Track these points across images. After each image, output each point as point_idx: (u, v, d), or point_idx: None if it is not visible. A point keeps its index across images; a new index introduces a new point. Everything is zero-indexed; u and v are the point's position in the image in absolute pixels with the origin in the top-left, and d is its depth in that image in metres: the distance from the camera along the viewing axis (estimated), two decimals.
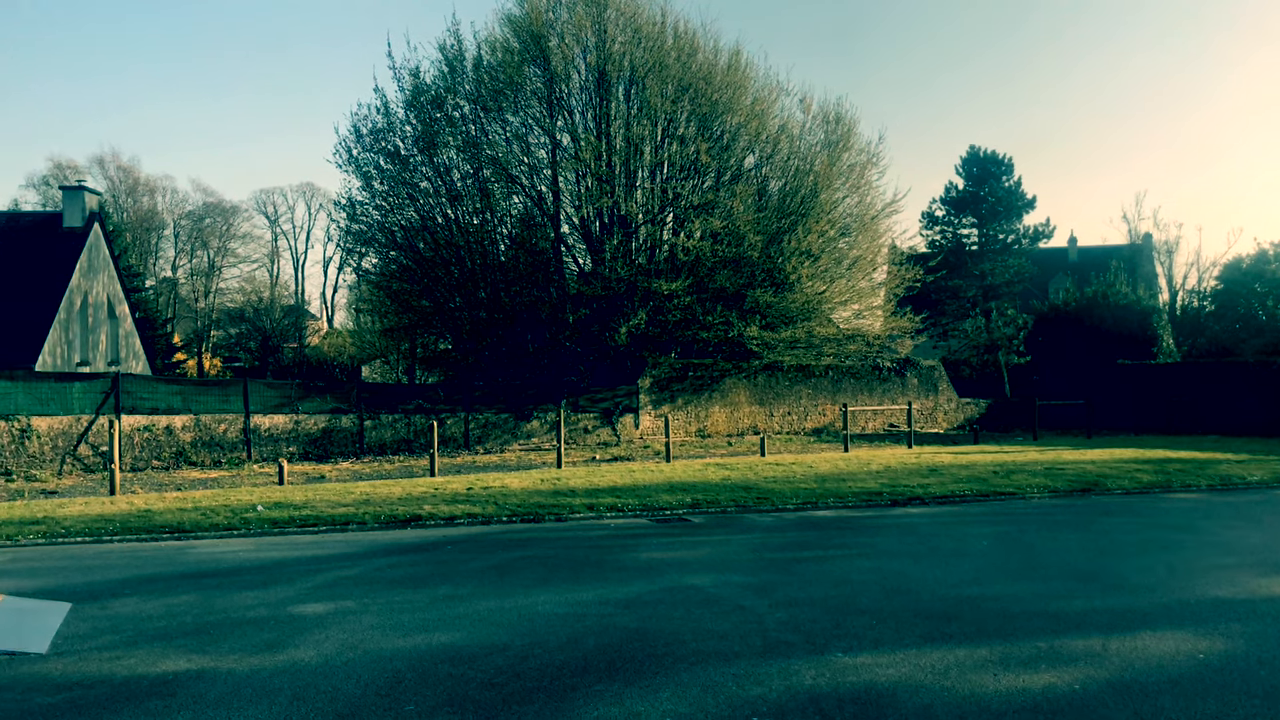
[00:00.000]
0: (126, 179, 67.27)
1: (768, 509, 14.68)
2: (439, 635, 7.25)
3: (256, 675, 6.26)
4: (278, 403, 26.69)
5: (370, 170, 34.01)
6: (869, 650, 6.84)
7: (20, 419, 22.83)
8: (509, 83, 32.31)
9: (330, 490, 16.93)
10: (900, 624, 7.56)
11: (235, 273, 73.80)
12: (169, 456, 24.59)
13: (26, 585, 9.00)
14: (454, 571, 9.75)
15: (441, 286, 33.61)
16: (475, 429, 29.35)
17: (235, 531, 12.59)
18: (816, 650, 6.84)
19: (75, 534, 12.30)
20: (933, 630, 7.37)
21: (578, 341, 32.30)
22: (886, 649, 6.87)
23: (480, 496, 15.48)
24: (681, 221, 33.03)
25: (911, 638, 7.17)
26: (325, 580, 9.33)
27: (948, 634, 7.27)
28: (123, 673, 6.29)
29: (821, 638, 7.16)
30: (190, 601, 8.35)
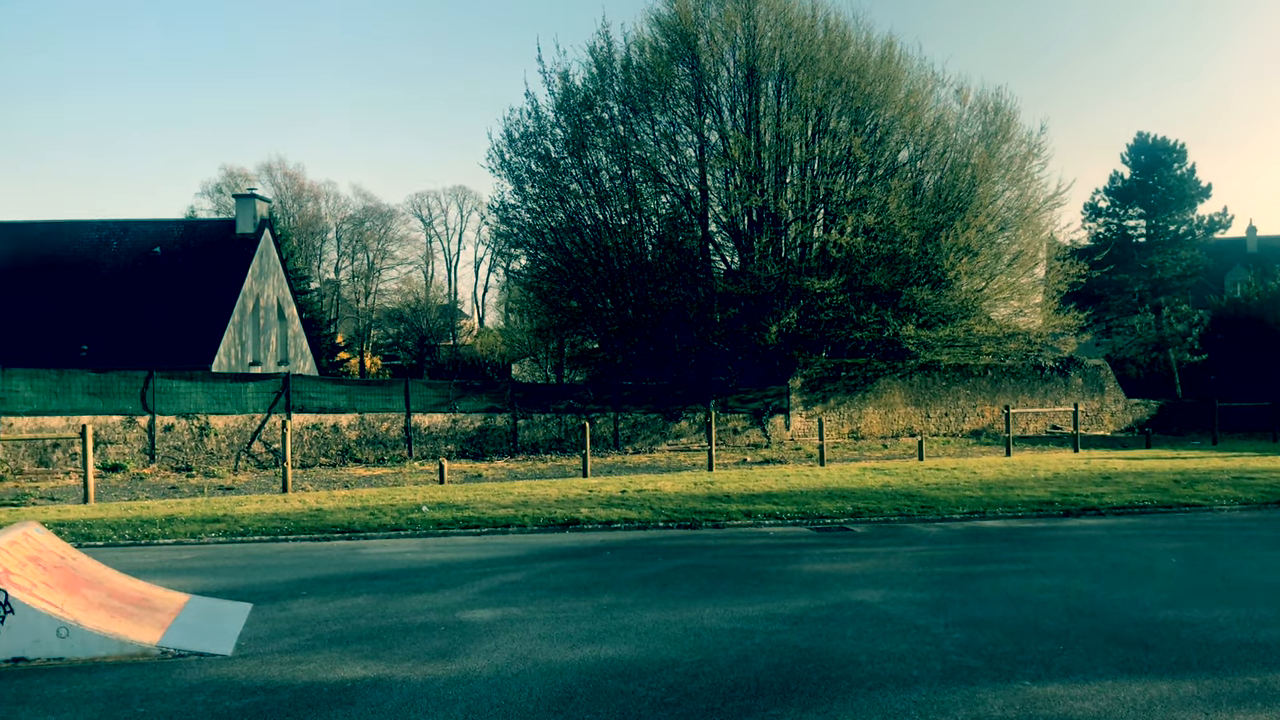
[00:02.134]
0: (292, 185, 70.61)
1: (932, 518, 14.14)
2: (607, 648, 7.15)
3: (431, 685, 6.28)
4: (436, 402, 27.43)
5: (522, 174, 34.64)
6: (1059, 679, 6.39)
7: (199, 417, 24.12)
8: (657, 82, 32.36)
9: (488, 490, 17.20)
10: (1090, 650, 7.06)
11: (393, 274, 76.53)
12: (335, 454, 25.56)
13: (210, 584, 9.36)
14: (616, 580, 9.67)
15: (590, 287, 33.91)
16: (624, 429, 29.49)
17: (402, 532, 12.88)
18: (1002, 677, 6.43)
19: (253, 533, 12.82)
20: (1128, 659, 6.85)
21: (726, 341, 32.06)
22: (1079, 679, 6.41)
23: (635, 500, 15.45)
24: (833, 218, 32.40)
25: (1104, 666, 6.68)
26: (491, 585, 9.39)
27: (1145, 664, 6.74)
28: (303, 678, 6.41)
29: (1005, 663, 6.74)
30: (363, 605, 8.51)
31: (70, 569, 7.60)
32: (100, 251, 35.53)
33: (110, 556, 10.53)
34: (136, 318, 32.66)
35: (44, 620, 6.52)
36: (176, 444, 23.86)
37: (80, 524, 13.24)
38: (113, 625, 6.86)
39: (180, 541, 12.37)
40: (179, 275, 34.57)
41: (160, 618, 7.42)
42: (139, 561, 10.62)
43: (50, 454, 22.48)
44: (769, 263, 31.22)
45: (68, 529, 12.70)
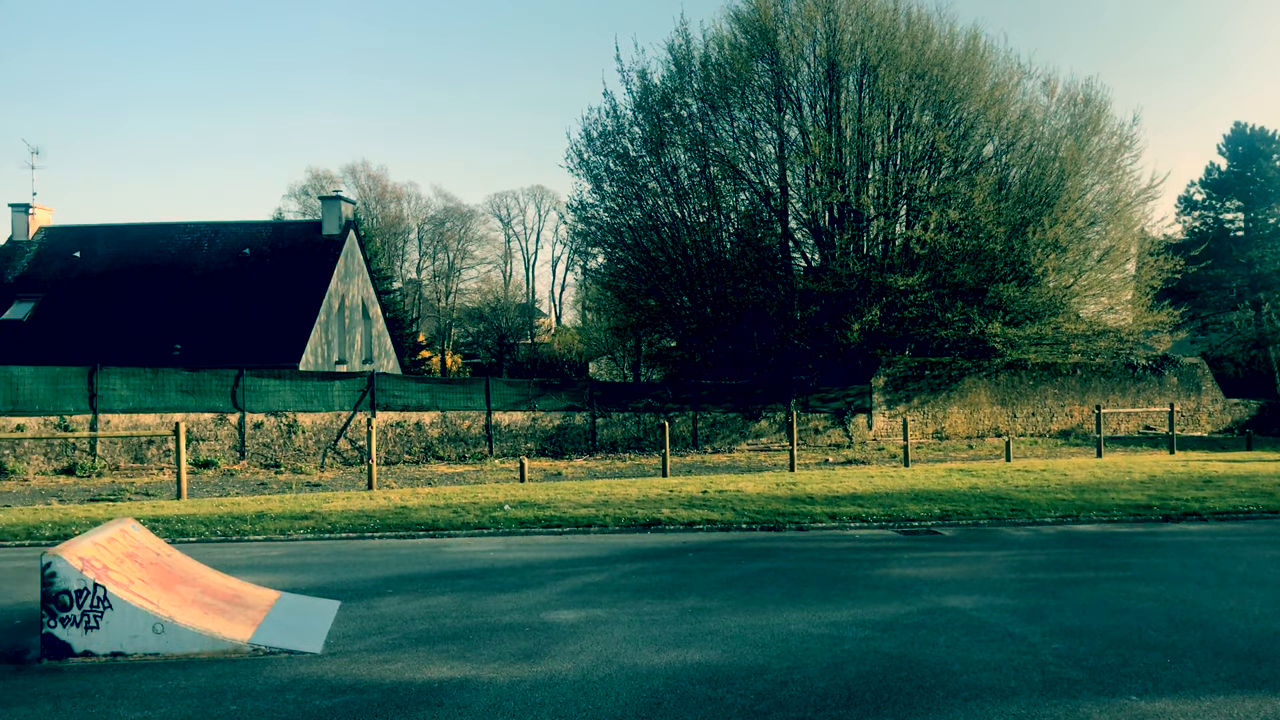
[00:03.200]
0: (376, 187, 71.89)
1: (1023, 521, 13.73)
2: (693, 652, 7.04)
3: (517, 688, 6.24)
4: (515, 400, 27.62)
5: (600, 172, 34.73)
6: (1168, 694, 6.10)
7: (287, 415, 24.62)
8: (736, 79, 32.17)
9: (569, 489, 17.22)
10: (1199, 664, 6.73)
11: (472, 273, 77.48)
12: (418, 451, 25.89)
13: (299, 581, 9.48)
14: (699, 582, 9.56)
15: (668, 285, 33.84)
16: (703, 428, 29.34)
17: (485, 530, 12.94)
18: (1105, 691, 6.16)
19: (339, 530, 12.99)
20: (1240, 673, 6.52)
21: (806, 339, 31.69)
22: (1188, 694, 6.11)
23: (716, 501, 15.31)
24: (916, 213, 31.83)
25: (1215, 681, 6.35)
26: (573, 586, 9.35)
27: (1259, 679, 6.40)
28: (391, 678, 6.42)
29: (1109, 676, 6.46)
30: (448, 604, 8.53)
31: (165, 565, 7.75)
32: (193, 253, 36.55)
33: (203, 552, 10.76)
34: (227, 317, 33.52)
35: (141, 616, 6.64)
36: (265, 441, 24.39)
37: (174, 520, 13.57)
38: (206, 622, 6.96)
39: (270, 538, 12.60)
40: (267, 276, 35.40)
41: (252, 615, 7.51)
42: (230, 558, 10.82)
43: (145, 450, 23.16)
44: (850, 259, 30.79)
45: (162, 525, 13.02)
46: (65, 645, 6.53)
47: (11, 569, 10.23)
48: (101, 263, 36.22)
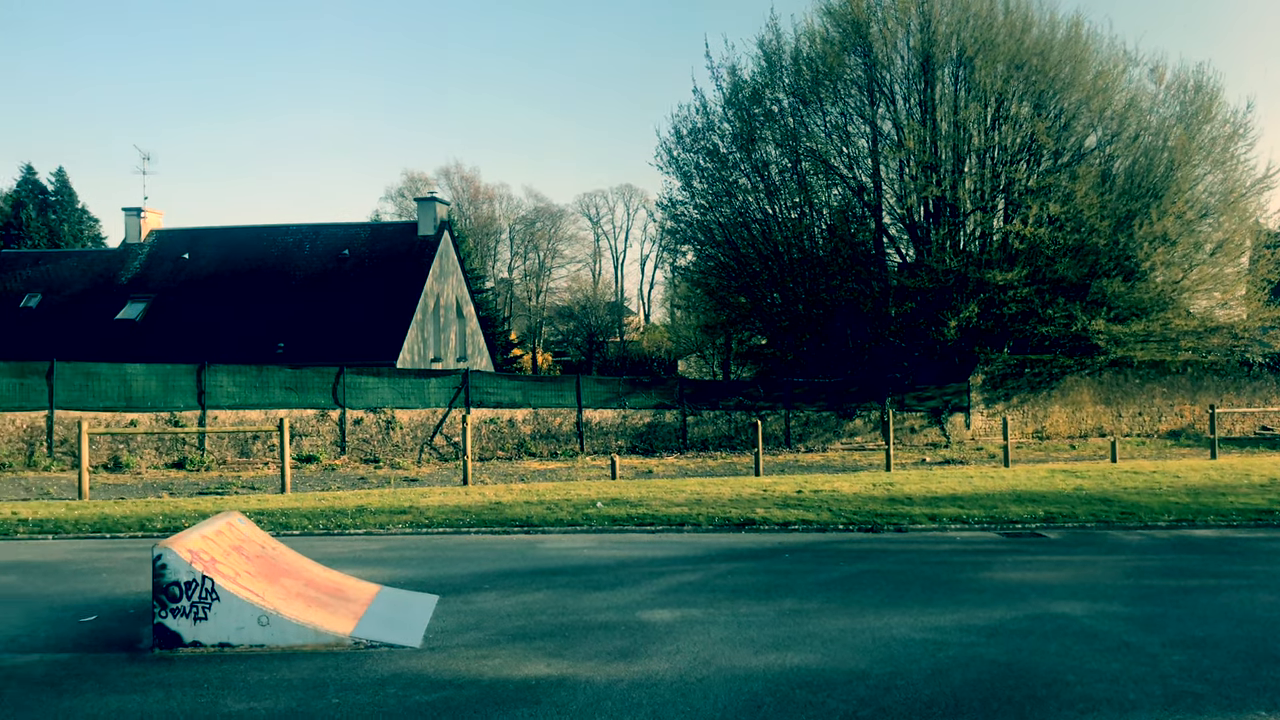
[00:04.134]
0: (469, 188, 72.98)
1: (1134, 525, 13.20)
2: (792, 655, 6.90)
3: (614, 687, 6.18)
4: (606, 398, 27.70)
5: (690, 169, 34.62)
6: None
7: (386, 411, 25.10)
8: (828, 73, 31.74)
9: (661, 487, 17.16)
10: None
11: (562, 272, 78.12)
12: (511, 447, 26.16)
13: (398, 575, 9.60)
14: (796, 583, 9.39)
15: (759, 282, 33.58)
16: (795, 427, 29.04)
17: (578, 527, 12.96)
18: (1233, 706, 5.84)
19: (436, 525, 13.15)
20: None
21: (901, 337, 31.11)
22: None
23: (812, 501, 15.08)
24: (1015, 207, 30.98)
25: None
26: (668, 585, 9.28)
27: None
28: (489, 674, 6.43)
29: (1235, 690, 6.13)
30: (544, 600, 8.53)
31: (270, 558, 7.91)
32: (294, 254, 37.55)
33: (305, 545, 10.98)
34: (327, 316, 34.35)
35: (247, 608, 6.77)
36: (365, 436, 24.90)
37: (278, 513, 13.90)
38: (309, 615, 7.07)
39: (370, 532, 12.81)
40: (366, 276, 36.17)
41: (353, 608, 7.61)
42: (331, 551, 11.02)
43: (251, 445, 23.84)
44: (947, 255, 30.11)
45: (267, 518, 13.35)
46: (175, 635, 6.70)
47: (125, 559, 10.58)
48: (209, 264, 37.46)
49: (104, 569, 10.02)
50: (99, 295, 36.61)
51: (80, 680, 6.16)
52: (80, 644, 7.02)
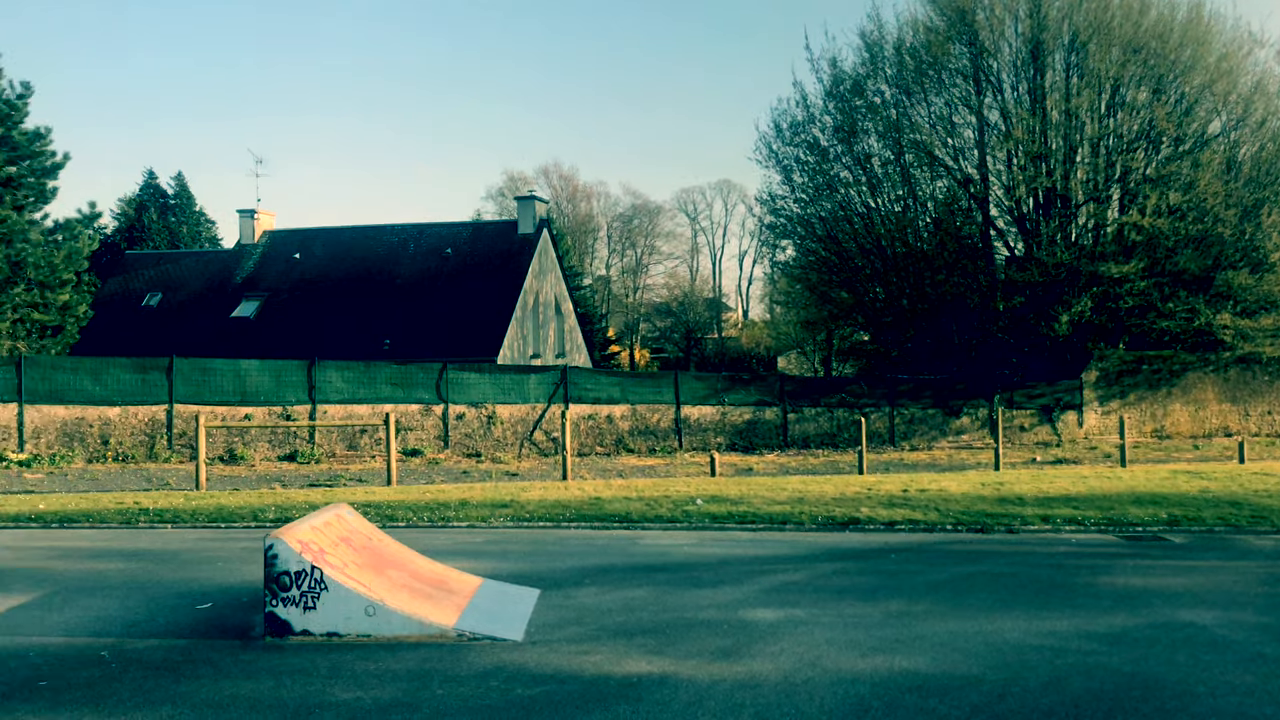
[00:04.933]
0: (567, 187, 73.62)
1: (1266, 530, 12.52)
2: (900, 659, 6.68)
3: (717, 687, 6.07)
4: (704, 394, 27.58)
5: (790, 163, 34.31)
6: None
7: (487, 406, 25.45)
8: (932, 63, 31.05)
9: (761, 485, 16.97)
10: None
11: (660, 269, 78.23)
12: (609, 443, 26.25)
13: (500, 568, 9.65)
14: (903, 584, 9.14)
15: (861, 277, 33.05)
16: (900, 424, 28.47)
17: (677, 524, 12.88)
18: None
19: (537, 519, 13.22)
20: None
21: (1009, 332, 30.25)
22: None
23: (918, 500, 14.71)
24: (1131, 197, 29.83)
25: None
26: (771, 584, 9.12)
27: None
28: (590, 670, 6.38)
29: None
30: (644, 597, 8.46)
31: (376, 549, 8.01)
32: (399, 253, 38.37)
33: (410, 537, 11.12)
34: (430, 313, 35.01)
35: (354, 599, 6.86)
36: (467, 431, 25.28)
37: (384, 506, 14.16)
38: (414, 606, 7.13)
39: (472, 525, 12.95)
40: (467, 273, 36.75)
41: (456, 600, 7.66)
42: (436, 543, 11.15)
43: (358, 439, 24.42)
44: (1058, 247, 29.16)
45: (374, 510, 13.61)
46: (285, 624, 6.82)
47: (239, 549, 10.89)
48: (318, 263, 38.54)
49: (219, 558, 10.33)
50: (215, 294, 38.00)
51: (196, 666, 6.32)
52: (196, 630, 7.21)
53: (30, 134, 26.23)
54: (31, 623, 7.39)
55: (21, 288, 25.03)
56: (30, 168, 26.29)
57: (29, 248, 25.00)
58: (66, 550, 10.88)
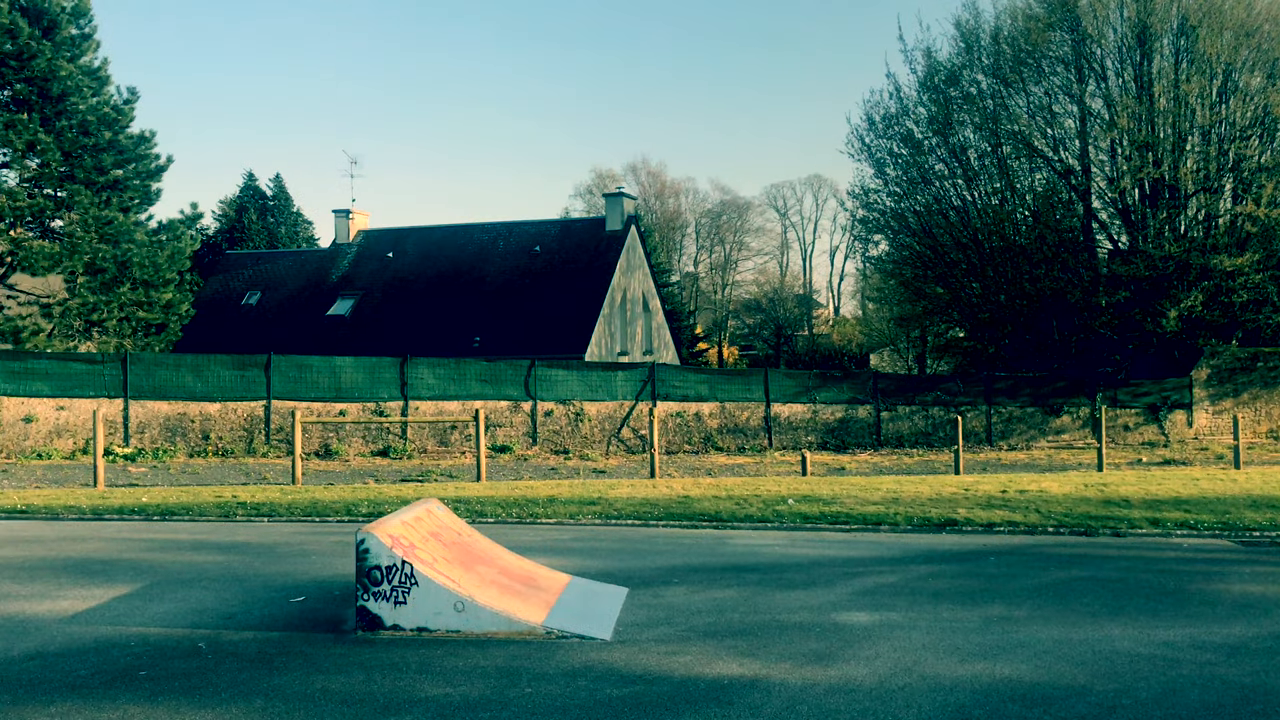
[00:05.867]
0: (655, 183, 73.61)
1: None
2: (1001, 665, 6.41)
3: (809, 691, 5.89)
4: (795, 392, 27.24)
5: (882, 156, 33.73)
6: None
7: (574, 403, 25.52)
8: (1031, 51, 30.18)
9: (854, 484, 16.65)
10: None
11: (749, 265, 77.74)
12: (697, 441, 26.10)
13: (588, 566, 9.59)
14: (1003, 588, 8.81)
15: (957, 272, 32.31)
16: (997, 423, 27.74)
17: (768, 524, 12.68)
18: None
19: (625, 516, 13.16)
20: None
21: (1113, 328, 29.22)
22: None
23: (1018, 501, 14.25)
24: (1246, 187, 28.55)
25: None
26: (864, 586, 8.88)
27: None
28: (679, 671, 6.26)
29: None
30: (734, 598, 8.31)
31: (466, 545, 8.02)
32: (489, 251, 38.80)
33: (499, 533, 11.16)
34: (519, 310, 35.31)
35: (444, 594, 6.85)
36: (555, 428, 25.40)
37: (474, 501, 14.26)
38: (502, 603, 7.10)
39: (560, 522, 12.95)
40: (555, 271, 36.97)
41: (545, 597, 7.61)
42: (524, 539, 11.16)
43: (449, 435, 24.73)
44: (1165, 240, 28.05)
45: (463, 506, 13.71)
46: (376, 618, 6.85)
47: (332, 543, 11.05)
48: (410, 262, 39.19)
49: (313, 551, 10.49)
50: (311, 293, 38.94)
51: (289, 659, 6.38)
52: (290, 623, 7.30)
53: (136, 138, 27.21)
54: (133, 612, 7.58)
55: (127, 286, 25.97)
56: (136, 170, 27.29)
57: (134, 248, 25.92)
58: (167, 542, 11.19)
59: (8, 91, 25.56)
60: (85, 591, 8.30)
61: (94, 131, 25.94)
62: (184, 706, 5.43)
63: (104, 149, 26.22)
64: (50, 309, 25.86)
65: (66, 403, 22.48)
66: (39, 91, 25.51)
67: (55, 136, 25.20)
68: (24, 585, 8.60)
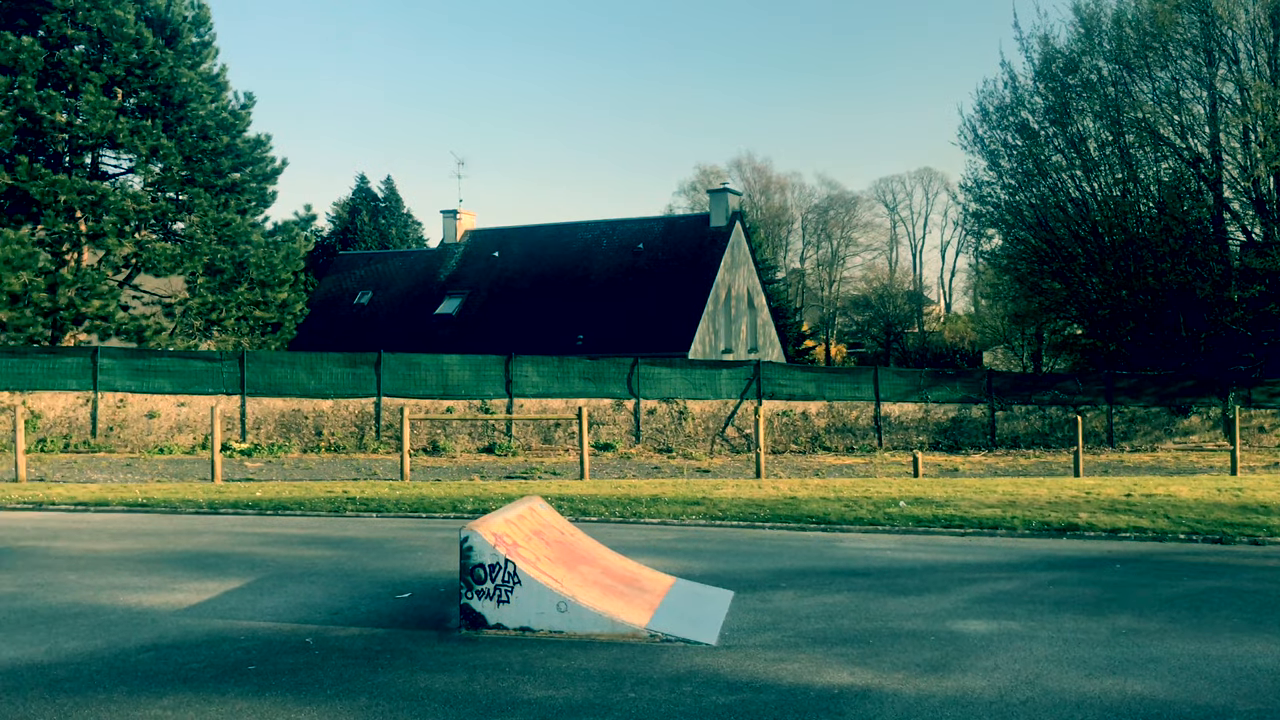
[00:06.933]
0: (760, 179, 72.98)
1: None
2: (1133, 682, 6.01)
3: (925, 704, 5.61)
4: (905, 390, 26.62)
5: (997, 148, 32.80)
6: None
7: (678, 402, 25.38)
8: (1156, 35, 28.90)
9: (968, 486, 16.10)
10: None
11: (857, 261, 76.49)
12: (804, 441, 25.69)
13: (692, 567, 9.43)
14: (1131, 598, 8.32)
15: (1075, 267, 31.16)
16: (1119, 424, 26.64)
17: (878, 527, 12.32)
18: None
19: (730, 517, 12.94)
20: None
21: (1246, 324, 27.78)
22: None
23: (1144, 506, 13.56)
24: None
25: None
26: (981, 593, 8.50)
27: None
28: (788, 679, 6.04)
29: None
30: (844, 603, 8.04)
31: (569, 544, 7.93)
32: (592, 250, 38.96)
33: (602, 532, 11.08)
34: (622, 308, 35.34)
35: (547, 594, 6.77)
36: (658, 426, 25.31)
37: (577, 499, 14.24)
38: (605, 604, 6.99)
39: (664, 522, 12.81)
40: (659, 268, 36.90)
41: (648, 599, 7.47)
42: (627, 539, 11.06)
43: (553, 432, 24.86)
44: None
45: (566, 504, 13.69)
46: (480, 616, 6.81)
47: (438, 539, 11.13)
48: (515, 261, 39.63)
49: (419, 547, 10.57)
50: (420, 292, 39.70)
51: (394, 656, 6.38)
52: (395, 620, 7.32)
53: (252, 141, 28.13)
54: (244, 606, 7.71)
55: (244, 287, 26.85)
56: (252, 173, 28.22)
57: (251, 249, 26.79)
58: (279, 537, 11.43)
59: (133, 99, 26.70)
60: (199, 584, 8.49)
61: (213, 136, 26.90)
62: (290, 703, 5.46)
63: (222, 153, 27.17)
64: (172, 308, 26.92)
65: (187, 399, 23.34)
66: (162, 98, 26.58)
67: (176, 142, 26.21)
68: (142, 577, 8.86)
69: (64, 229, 25.08)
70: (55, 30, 25.24)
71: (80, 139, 25.56)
